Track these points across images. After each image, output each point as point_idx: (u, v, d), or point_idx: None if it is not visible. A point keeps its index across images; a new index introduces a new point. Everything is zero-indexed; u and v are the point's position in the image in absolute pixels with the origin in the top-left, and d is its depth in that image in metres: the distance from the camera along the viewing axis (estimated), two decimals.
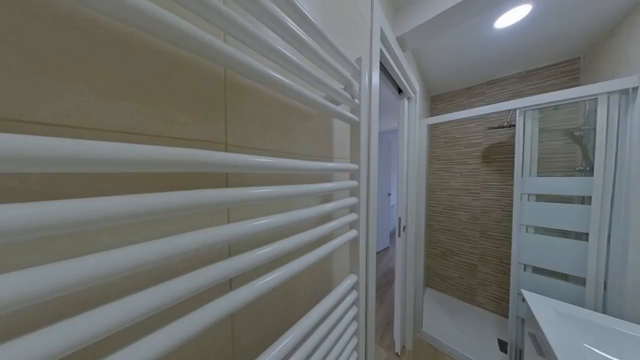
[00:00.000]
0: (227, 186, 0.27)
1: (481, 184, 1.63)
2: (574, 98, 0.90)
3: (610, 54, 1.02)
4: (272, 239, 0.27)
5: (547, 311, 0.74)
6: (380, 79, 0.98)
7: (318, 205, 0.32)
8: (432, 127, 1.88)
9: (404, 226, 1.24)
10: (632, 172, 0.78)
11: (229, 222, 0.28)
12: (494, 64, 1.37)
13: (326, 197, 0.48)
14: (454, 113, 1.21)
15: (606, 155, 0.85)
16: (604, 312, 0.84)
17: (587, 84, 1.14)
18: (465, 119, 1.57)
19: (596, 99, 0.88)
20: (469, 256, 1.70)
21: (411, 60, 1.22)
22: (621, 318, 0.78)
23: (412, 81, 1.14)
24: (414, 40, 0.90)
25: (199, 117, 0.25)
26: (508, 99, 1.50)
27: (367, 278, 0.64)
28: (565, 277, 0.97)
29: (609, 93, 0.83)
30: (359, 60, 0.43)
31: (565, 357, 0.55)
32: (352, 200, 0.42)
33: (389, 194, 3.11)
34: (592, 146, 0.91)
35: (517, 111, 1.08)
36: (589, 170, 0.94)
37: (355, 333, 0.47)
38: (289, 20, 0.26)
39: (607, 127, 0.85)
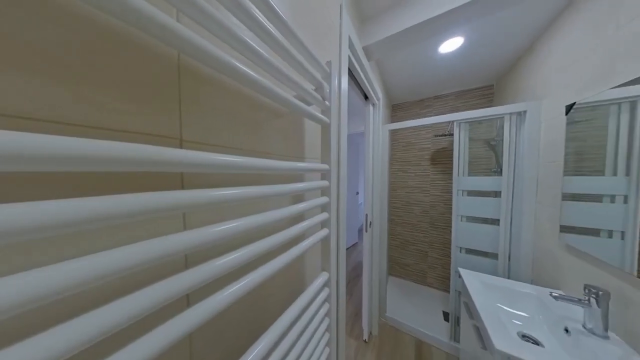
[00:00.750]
0: (182, 188, 0.25)
1: (430, 182, 1.92)
2: (489, 116, 1.16)
3: (511, 85, 1.36)
4: (240, 244, 0.26)
5: (474, 283, 0.94)
6: (349, 84, 1.05)
7: (290, 206, 0.33)
8: (392, 132, 2.11)
9: (371, 222, 1.36)
10: (524, 173, 1.07)
11: (185, 228, 0.25)
12: (439, 82, 1.64)
13: (298, 198, 0.49)
14: (409, 121, 1.40)
15: (509, 160, 1.14)
16: (509, 277, 1.12)
17: (497, 105, 1.50)
18: (418, 127, 1.85)
19: (503, 117, 1.16)
20: (422, 244, 1.98)
21: (375, 70, 1.35)
22: (518, 280, 1.06)
23: (377, 89, 1.26)
24: (378, 51, 1.00)
25: (144, 105, 0.21)
26: (449, 112, 1.82)
27: (338, 274, 0.68)
28: (485, 254, 1.25)
29: (510, 114, 1.12)
30: (329, 63, 0.45)
31: (485, 316, 0.72)
32: (324, 199, 0.45)
33: (357, 193, 3.33)
34: (501, 153, 1.20)
35: (455, 123, 1.32)
36: (499, 172, 1.23)
37: (328, 329, 0.49)
38: (257, 10, 0.24)
39: (509, 139, 1.14)
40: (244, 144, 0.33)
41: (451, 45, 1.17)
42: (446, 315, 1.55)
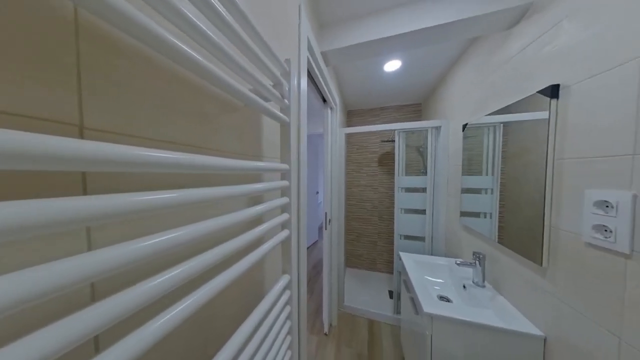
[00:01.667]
0: (85, 193, 0.18)
1: (378, 181, 2.22)
2: (418, 128, 1.46)
3: (432, 105, 1.75)
4: (186, 257, 0.21)
5: (410, 262, 1.15)
6: (308, 85, 1.07)
7: (247, 209, 0.30)
8: (348, 136, 2.30)
9: (330, 219, 1.43)
10: (440, 173, 1.40)
11: (90, 248, 0.19)
12: (384, 96, 1.91)
13: (256, 200, 0.46)
14: (362, 127, 1.57)
15: (431, 163, 1.46)
16: (432, 254, 1.44)
17: (423, 120, 1.90)
18: (369, 132, 2.09)
19: (427, 129, 1.48)
20: (372, 236, 2.26)
21: (333, 76, 1.43)
22: (437, 255, 1.37)
23: (334, 94, 1.34)
24: (334, 59, 1.06)
25: (14, 73, 0.15)
26: (392, 122, 2.15)
27: (299, 276, 0.68)
28: (417, 238, 1.55)
29: (431, 127, 1.44)
30: (288, 61, 0.45)
31: (417, 287, 0.90)
32: (284, 200, 0.44)
33: (317, 192, 3.44)
34: (426, 157, 1.53)
35: (396, 131, 1.58)
36: (425, 172, 1.57)
37: (289, 332, 0.48)
38: None
39: (431, 147, 1.47)
40: (184, 138, 0.28)
41: (393, 66, 1.39)
42: (391, 294, 1.83)
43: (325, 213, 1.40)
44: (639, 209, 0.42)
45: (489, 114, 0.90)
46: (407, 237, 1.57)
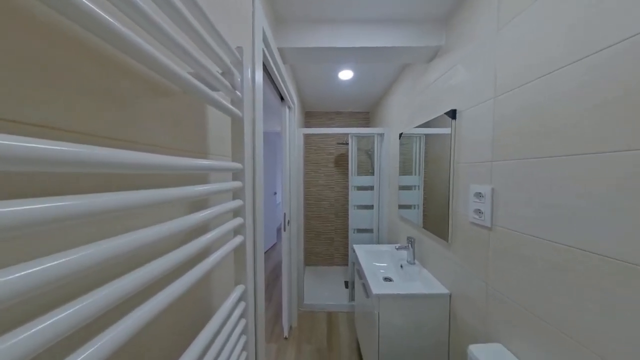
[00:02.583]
0: None
1: (335, 181, 2.37)
2: (367, 133, 1.67)
3: (377, 114, 2.03)
4: (103, 280, 0.16)
5: (361, 252, 1.29)
6: (265, 81, 1.02)
7: (186, 216, 0.26)
8: (306, 136, 2.35)
9: (289, 220, 1.41)
10: (384, 173, 1.64)
11: None
12: (340, 101, 2.06)
13: (200, 204, 0.40)
14: (320, 128, 1.65)
15: (377, 164, 1.70)
16: (378, 243, 1.68)
17: (371, 127, 2.18)
18: (326, 134, 2.20)
19: (374, 135, 1.71)
20: (330, 232, 2.40)
21: (291, 75, 1.42)
22: (382, 243, 1.61)
23: (292, 93, 1.33)
24: (292, 58, 1.06)
25: None
26: (346, 127, 2.35)
27: (255, 284, 0.63)
28: (367, 230, 1.77)
29: (377, 134, 1.67)
30: (240, 49, 0.41)
31: (368, 273, 1.02)
32: (236, 203, 0.40)
33: (275, 193, 3.32)
34: (374, 160, 1.77)
35: (349, 135, 1.74)
36: (373, 172, 1.81)
37: (245, 347, 0.44)
38: None
39: (377, 150, 1.70)
40: (80, 124, 0.20)
41: (346, 75, 1.52)
42: (346, 284, 2.00)
43: (284, 214, 1.37)
44: (495, 198, 0.64)
45: (416, 127, 1.14)
46: (359, 231, 1.76)
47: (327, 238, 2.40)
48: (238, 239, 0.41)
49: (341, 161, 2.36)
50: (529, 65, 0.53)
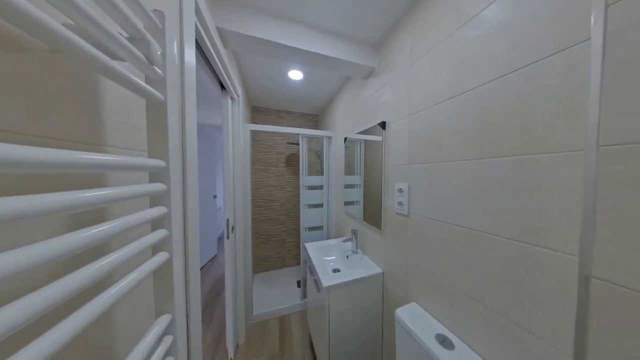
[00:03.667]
0: None
1: (286, 181, 2.33)
2: (316, 135, 1.74)
3: (325, 118, 2.17)
4: None
5: (312, 250, 1.34)
6: (200, 64, 0.86)
7: (68, 234, 0.18)
8: (254, 134, 2.17)
9: (233, 227, 1.26)
10: (332, 174, 1.77)
11: None
12: (290, 100, 2.03)
13: (95, 215, 0.29)
14: (270, 126, 1.56)
15: (325, 165, 1.81)
16: (328, 238, 1.80)
17: (320, 130, 2.30)
18: (276, 133, 2.12)
19: (323, 137, 1.82)
20: (281, 234, 2.33)
21: (234, 63, 1.27)
22: (331, 238, 1.74)
23: (236, 83, 1.19)
24: (235, 42, 0.94)
25: None
26: (296, 127, 2.35)
27: (188, 309, 0.53)
28: (317, 228, 1.85)
29: (325, 136, 1.78)
30: (159, 14, 0.33)
31: (319, 268, 1.07)
32: (157, 211, 0.31)
33: (215, 196, 2.87)
34: (323, 160, 1.88)
35: (300, 135, 1.76)
36: (322, 173, 1.92)
37: None
38: None
39: (325, 152, 1.82)
40: None
41: (295, 75, 1.53)
42: (298, 283, 2.02)
43: (227, 220, 1.22)
44: (410, 192, 0.83)
45: (357, 133, 1.31)
46: (310, 229, 1.82)
47: (279, 240, 2.32)
48: (160, 258, 0.32)
49: (292, 161, 2.35)
50: (428, 95, 0.74)
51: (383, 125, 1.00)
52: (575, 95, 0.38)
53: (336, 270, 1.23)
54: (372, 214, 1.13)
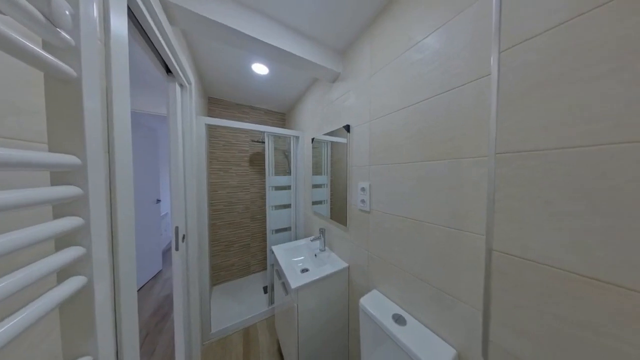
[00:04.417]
0: None
1: (250, 181, 2.18)
2: (283, 134, 1.71)
3: (293, 117, 2.15)
4: None
5: (280, 252, 1.30)
6: (137, 40, 0.70)
7: None
8: (211, 128, 1.94)
9: (184, 235, 1.09)
10: (300, 173, 1.77)
11: None
12: (254, 95, 1.91)
13: None
14: (230, 121, 1.42)
15: (293, 165, 1.79)
16: (296, 239, 1.78)
17: (287, 129, 2.26)
18: (238, 129, 1.96)
19: (290, 137, 1.79)
20: (245, 239, 2.17)
21: (185, 45, 1.10)
22: (300, 239, 1.73)
23: (186, 68, 1.03)
24: (184, 21, 0.81)
25: None
26: (261, 124, 2.23)
27: (119, 346, 0.42)
28: (285, 229, 1.81)
29: (293, 136, 1.76)
30: None
31: (287, 270, 1.05)
32: (65, 223, 0.24)
33: (158, 201, 2.42)
34: (290, 160, 1.85)
35: (265, 133, 1.68)
36: (290, 172, 1.89)
37: None
38: None
39: (293, 151, 1.80)
40: None
41: (260, 69, 1.45)
42: (265, 289, 1.92)
43: (177, 228, 1.04)
44: (371, 190, 0.92)
45: (324, 134, 1.35)
46: (278, 231, 1.76)
47: (242, 246, 2.15)
48: (71, 284, 0.25)
49: (257, 160, 2.22)
50: (384, 105, 0.83)
51: (348, 128, 1.07)
52: (483, 114, 0.51)
53: (305, 270, 1.23)
54: (339, 211, 1.19)
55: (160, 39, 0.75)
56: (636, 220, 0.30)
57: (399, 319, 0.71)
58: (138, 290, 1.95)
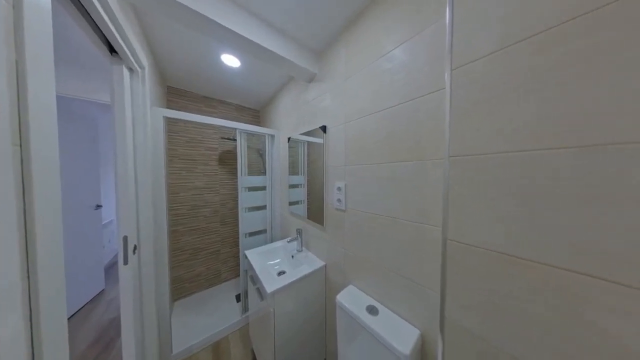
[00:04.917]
0: None
1: (219, 182, 2.00)
2: (258, 132, 1.63)
3: (268, 115, 2.07)
4: None
5: (254, 256, 1.24)
6: (67, 10, 0.57)
7: None
8: (171, 122, 1.71)
9: (135, 246, 0.93)
10: (275, 173, 1.71)
11: None
12: (224, 88, 1.76)
13: None
14: (194, 114, 1.28)
15: (268, 164, 1.72)
16: (272, 241, 1.72)
17: (262, 127, 2.16)
18: (204, 124, 1.78)
19: (265, 135, 1.72)
20: (214, 245, 1.98)
21: (136, 24, 0.93)
22: (276, 241, 1.67)
23: (137, 50, 0.88)
24: None
25: None
26: (232, 119, 2.08)
27: None
28: (260, 232, 1.73)
29: (268, 134, 1.70)
30: None
31: (262, 275, 1.00)
32: None
33: (99, 206, 2.02)
34: (265, 159, 1.77)
35: (237, 130, 1.57)
36: (265, 172, 1.81)
37: None
38: None
39: (268, 150, 1.73)
40: None
41: (231, 61, 1.35)
42: (238, 297, 1.80)
43: (124, 238, 0.88)
44: (347, 190, 0.95)
45: (301, 134, 1.34)
46: (252, 234, 1.67)
47: (211, 252, 1.96)
48: None
49: (228, 159, 2.06)
50: (358, 108, 0.87)
51: (324, 129, 1.09)
52: (440, 122, 0.58)
53: (281, 273, 1.20)
54: (316, 211, 1.19)
55: (100, 9, 0.62)
56: (547, 209, 0.38)
57: (372, 310, 0.75)
58: (71, 317, 1.58)
